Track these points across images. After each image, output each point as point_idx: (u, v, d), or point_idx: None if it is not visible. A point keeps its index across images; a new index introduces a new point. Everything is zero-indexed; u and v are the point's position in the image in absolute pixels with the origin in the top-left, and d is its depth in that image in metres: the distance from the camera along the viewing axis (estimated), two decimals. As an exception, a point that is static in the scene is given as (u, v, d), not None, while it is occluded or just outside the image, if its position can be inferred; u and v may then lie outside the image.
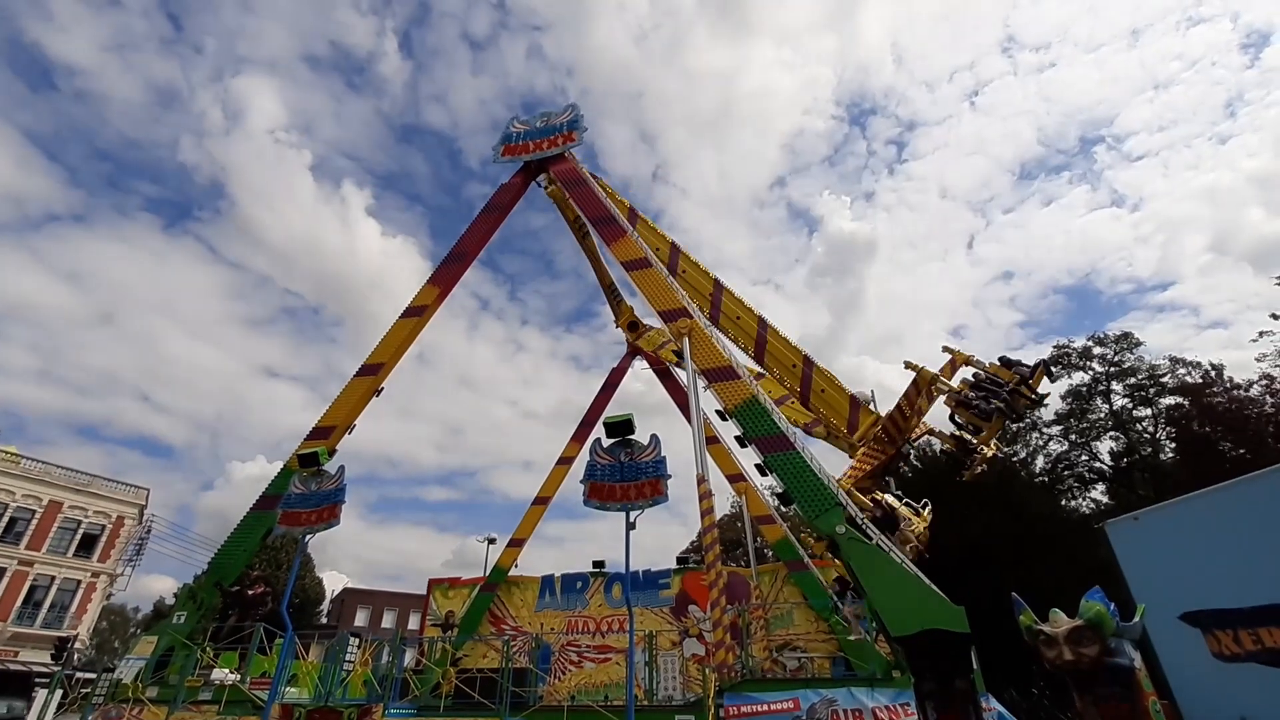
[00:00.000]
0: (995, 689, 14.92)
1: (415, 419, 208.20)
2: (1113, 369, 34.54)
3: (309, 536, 12.21)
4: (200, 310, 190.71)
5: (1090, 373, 35.13)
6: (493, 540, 38.09)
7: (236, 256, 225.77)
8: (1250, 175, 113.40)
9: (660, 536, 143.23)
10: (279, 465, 15.77)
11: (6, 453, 33.54)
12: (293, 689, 12.43)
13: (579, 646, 21.54)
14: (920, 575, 10.09)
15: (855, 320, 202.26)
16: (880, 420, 14.88)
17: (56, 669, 16.09)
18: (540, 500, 25.09)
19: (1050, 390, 34.48)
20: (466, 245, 18.61)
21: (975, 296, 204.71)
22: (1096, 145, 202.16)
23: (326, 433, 15.62)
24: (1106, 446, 34.42)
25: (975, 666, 9.61)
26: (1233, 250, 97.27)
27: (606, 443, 10.75)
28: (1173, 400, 32.10)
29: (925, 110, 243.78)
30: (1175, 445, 30.69)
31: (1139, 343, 34.42)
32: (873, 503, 13.44)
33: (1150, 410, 33.25)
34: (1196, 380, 31.50)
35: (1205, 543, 6.37)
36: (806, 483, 11.61)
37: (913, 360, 14.60)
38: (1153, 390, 33.04)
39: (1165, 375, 32.93)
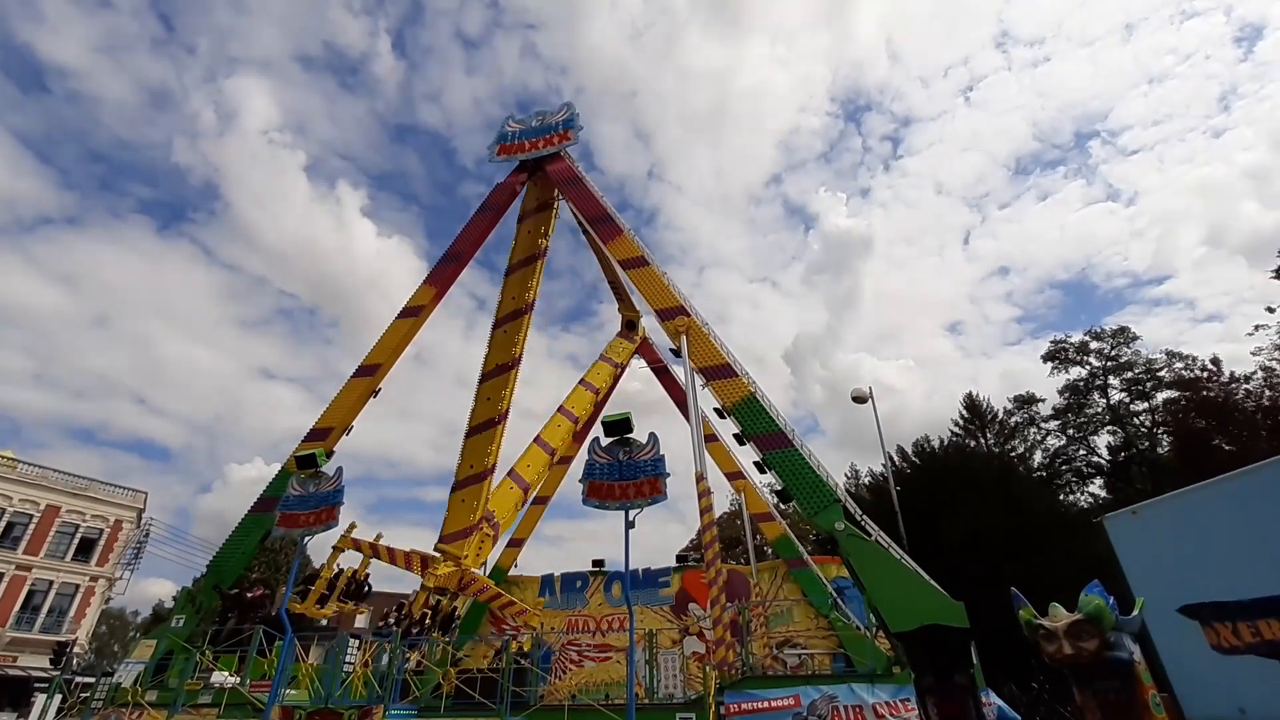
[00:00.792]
0: (995, 684, 14.96)
1: (413, 419, 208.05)
2: (1109, 364, 34.62)
3: (308, 538, 12.18)
4: (196, 312, 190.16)
5: (1087, 367, 35.23)
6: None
7: (231, 258, 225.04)
8: (1244, 169, 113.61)
9: (659, 535, 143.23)
10: (277, 467, 15.77)
11: (3, 457, 33.41)
12: (293, 691, 12.41)
13: (579, 646, 21.56)
14: (919, 571, 10.11)
15: (852, 317, 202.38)
16: None
17: (55, 674, 16.03)
18: (539, 500, 25.12)
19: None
20: (462, 245, 18.60)
21: (972, 292, 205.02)
22: (1091, 140, 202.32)
23: (324, 434, 15.62)
24: (1104, 441, 34.53)
25: (975, 661, 9.63)
26: (1227, 244, 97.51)
27: (605, 442, 10.74)
28: (1169, 394, 32.19)
29: (920, 106, 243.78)
30: (1172, 439, 30.76)
31: (1135, 337, 34.52)
32: None
33: (1147, 404, 33.33)
34: (1193, 374, 31.59)
35: (1204, 536, 6.38)
36: (805, 480, 11.65)
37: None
38: (1149, 384, 33.12)
39: (1162, 369, 33.00)
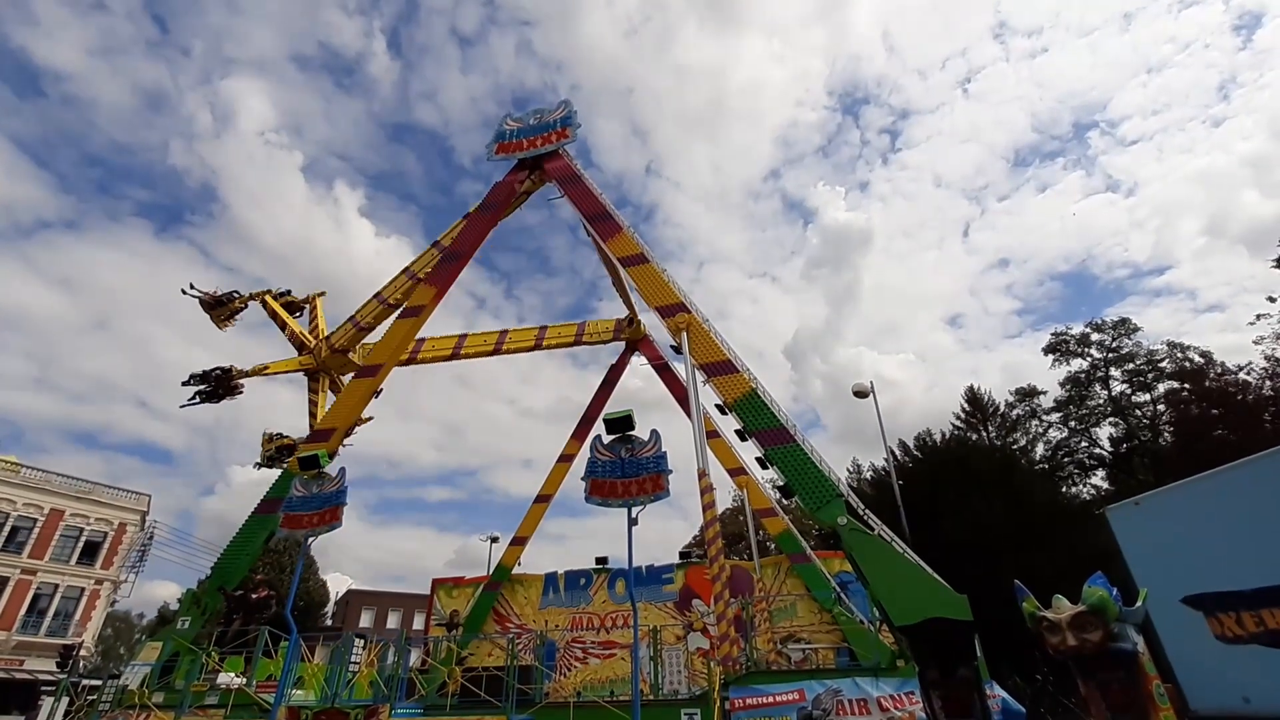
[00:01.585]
0: (999, 676, 14.98)
1: (414, 419, 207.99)
2: (1111, 355, 34.57)
3: (311, 539, 12.20)
4: (195, 314, 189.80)
5: (1089, 359, 35.16)
6: (495, 539, 38.08)
7: (230, 259, 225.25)
8: (1244, 158, 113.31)
9: (662, 531, 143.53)
10: (279, 469, 15.76)
11: (6, 462, 33.46)
12: (299, 691, 12.45)
13: (584, 643, 21.61)
14: (923, 565, 10.11)
15: (852, 311, 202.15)
16: None
17: (62, 677, 16.10)
18: (542, 498, 25.14)
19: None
20: (462, 245, 18.58)
21: (972, 285, 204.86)
22: (1090, 130, 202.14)
23: (326, 435, 15.63)
24: (1106, 432, 34.52)
25: (979, 654, 9.63)
26: (1228, 233, 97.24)
27: (607, 439, 10.72)
28: (1171, 385, 32.15)
29: (918, 98, 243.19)
30: (1174, 430, 30.75)
31: (1136, 328, 34.45)
32: None
33: (1149, 395, 33.30)
34: (1195, 364, 31.55)
35: (1207, 526, 6.39)
36: (807, 475, 11.65)
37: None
38: (1151, 375, 33.09)
39: (1163, 360, 32.97)
